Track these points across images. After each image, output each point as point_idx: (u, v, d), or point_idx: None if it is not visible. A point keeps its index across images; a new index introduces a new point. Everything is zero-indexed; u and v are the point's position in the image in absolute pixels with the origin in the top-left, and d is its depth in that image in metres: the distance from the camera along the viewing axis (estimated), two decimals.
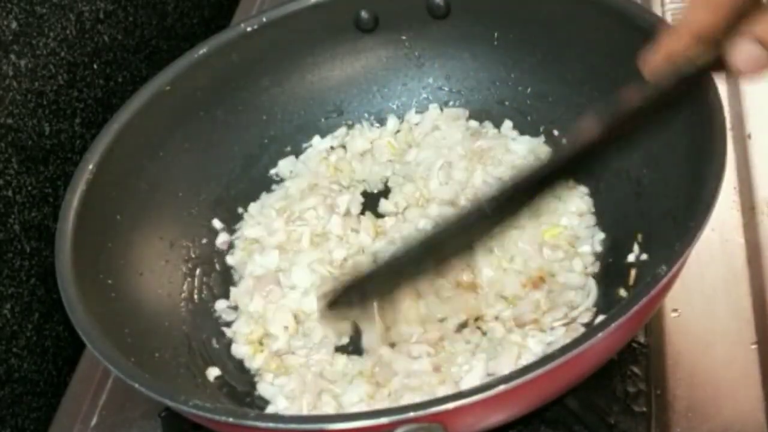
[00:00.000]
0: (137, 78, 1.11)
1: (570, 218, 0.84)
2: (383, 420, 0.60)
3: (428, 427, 0.59)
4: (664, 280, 0.63)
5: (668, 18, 1.05)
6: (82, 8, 1.01)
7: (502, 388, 0.60)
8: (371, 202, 0.92)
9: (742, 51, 0.56)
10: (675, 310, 0.80)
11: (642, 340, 0.78)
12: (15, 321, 0.90)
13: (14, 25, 0.91)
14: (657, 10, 1.06)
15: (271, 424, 0.62)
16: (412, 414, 0.60)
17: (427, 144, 0.94)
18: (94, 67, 1.04)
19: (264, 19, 0.92)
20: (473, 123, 0.94)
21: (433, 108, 0.96)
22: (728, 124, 0.71)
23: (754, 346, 0.77)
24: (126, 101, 0.87)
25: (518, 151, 0.91)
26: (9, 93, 0.90)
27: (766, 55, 0.55)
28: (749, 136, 0.92)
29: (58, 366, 0.96)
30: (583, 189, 0.86)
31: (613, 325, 0.61)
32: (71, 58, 1.00)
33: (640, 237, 0.79)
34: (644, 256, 0.78)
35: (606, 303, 0.78)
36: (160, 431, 0.80)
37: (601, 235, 0.83)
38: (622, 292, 0.78)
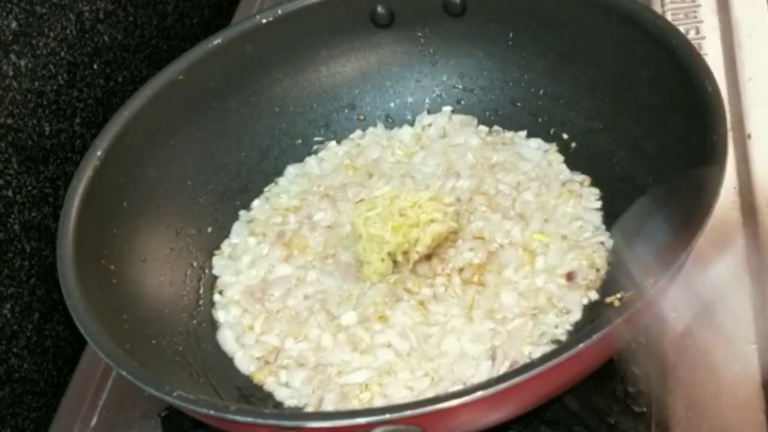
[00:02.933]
0: (137, 78, 1.11)
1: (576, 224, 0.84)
2: (360, 420, 0.61)
3: (405, 429, 0.60)
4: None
5: (669, 17, 1.05)
6: (82, 8, 1.02)
7: (479, 394, 0.60)
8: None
9: None
10: (675, 310, 0.80)
11: (642, 340, 0.78)
12: (15, 321, 0.90)
13: (14, 25, 0.91)
14: (657, 9, 1.06)
15: (250, 419, 0.63)
16: (387, 416, 0.60)
17: (435, 151, 0.94)
18: (94, 67, 1.04)
19: (280, 12, 0.92)
20: (483, 128, 0.95)
21: (445, 110, 0.96)
22: (728, 124, 0.71)
23: (754, 346, 0.77)
24: (138, 89, 0.87)
25: (532, 158, 0.91)
26: (9, 93, 0.90)
27: None
28: (749, 136, 0.92)
29: (58, 366, 0.96)
30: (595, 191, 0.86)
31: (576, 348, 0.61)
32: (71, 58, 1.00)
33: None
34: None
35: (602, 311, 0.78)
36: (160, 431, 0.80)
37: (605, 240, 0.83)
38: (617, 303, 0.78)
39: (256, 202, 0.93)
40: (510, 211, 0.86)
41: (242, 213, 0.92)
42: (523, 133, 0.93)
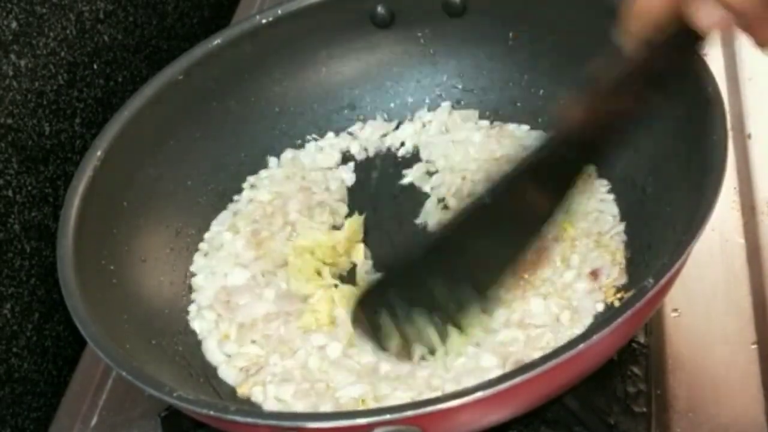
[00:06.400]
0: (137, 78, 1.11)
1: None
2: (360, 421, 0.61)
3: (405, 429, 0.60)
4: (649, 295, 0.63)
5: None
6: (82, 8, 1.01)
7: (480, 394, 0.60)
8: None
9: (705, 13, 0.60)
10: (675, 310, 0.80)
11: (642, 340, 0.77)
12: (15, 321, 0.90)
13: (14, 25, 0.91)
14: None
15: (250, 419, 0.63)
16: (388, 416, 0.60)
17: (437, 146, 0.94)
18: (94, 67, 1.04)
19: (280, 12, 0.92)
20: (483, 123, 0.94)
21: (445, 106, 0.96)
22: (728, 125, 0.71)
23: (754, 346, 0.77)
24: (138, 89, 0.87)
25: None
26: (9, 93, 0.90)
27: (726, 15, 0.59)
28: (749, 136, 0.92)
29: (58, 366, 0.96)
30: (604, 182, 0.86)
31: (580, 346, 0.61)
32: (71, 58, 1.00)
33: (642, 245, 0.79)
34: (645, 265, 0.78)
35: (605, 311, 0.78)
36: (160, 431, 0.80)
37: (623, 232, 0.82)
38: (617, 303, 0.77)
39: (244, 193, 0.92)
40: None
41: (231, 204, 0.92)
42: (525, 126, 0.93)
